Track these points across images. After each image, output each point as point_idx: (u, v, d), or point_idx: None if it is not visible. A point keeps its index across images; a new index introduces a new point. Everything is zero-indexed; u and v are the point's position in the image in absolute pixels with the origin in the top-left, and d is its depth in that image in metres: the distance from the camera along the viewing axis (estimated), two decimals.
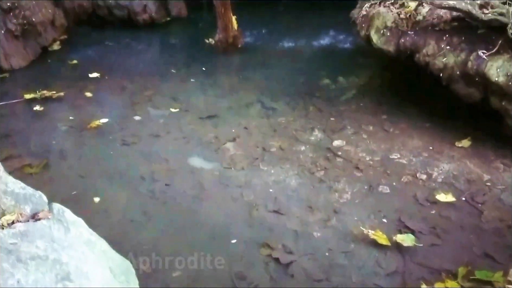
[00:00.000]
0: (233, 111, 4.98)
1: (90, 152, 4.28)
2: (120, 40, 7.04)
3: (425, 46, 4.25)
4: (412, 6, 4.56)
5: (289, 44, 6.97)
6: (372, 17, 4.80)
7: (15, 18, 5.81)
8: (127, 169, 4.02)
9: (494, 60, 3.74)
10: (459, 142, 4.20)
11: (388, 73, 5.69)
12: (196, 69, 5.98)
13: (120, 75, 5.85)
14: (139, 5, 7.31)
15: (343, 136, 4.44)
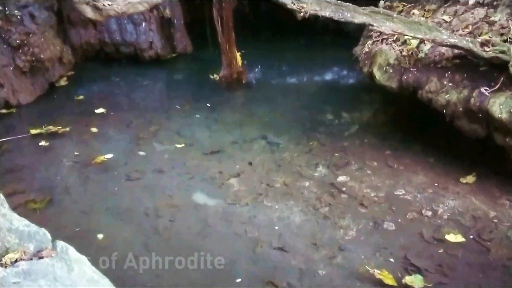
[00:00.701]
0: (238, 146, 5.00)
1: (94, 188, 4.28)
2: (126, 76, 7.14)
3: (427, 83, 4.30)
4: (414, 43, 4.62)
5: (293, 79, 7.05)
6: (374, 54, 4.87)
7: (24, 55, 5.91)
8: (131, 205, 4.02)
9: (497, 97, 3.77)
10: (464, 178, 4.19)
11: (392, 108, 5.72)
12: (201, 105, 6.04)
13: (126, 110, 5.92)
14: (145, 42, 7.44)
15: (347, 171, 4.44)
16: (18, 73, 5.97)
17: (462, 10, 4.80)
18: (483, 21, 4.48)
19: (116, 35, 7.39)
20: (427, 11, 5.19)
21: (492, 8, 4.63)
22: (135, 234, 3.61)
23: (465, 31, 4.45)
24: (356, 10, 4.35)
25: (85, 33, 7.30)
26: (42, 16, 6.22)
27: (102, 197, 4.14)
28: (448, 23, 4.74)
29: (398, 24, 4.24)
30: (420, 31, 4.18)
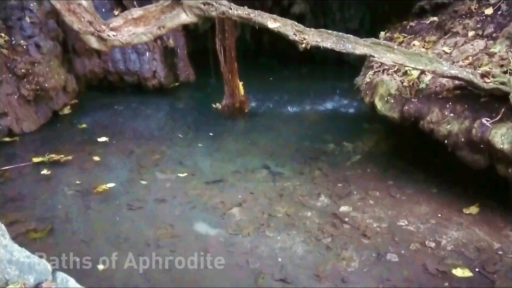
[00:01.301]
0: (239, 175, 5.00)
1: (95, 217, 4.27)
2: (129, 104, 7.19)
3: (429, 113, 4.32)
4: (415, 74, 4.67)
5: (295, 109, 7.09)
6: (376, 85, 4.91)
7: (28, 84, 5.97)
8: (132, 234, 3.99)
9: (498, 127, 3.78)
10: (467, 208, 4.17)
11: (393, 138, 5.73)
12: (203, 134, 6.07)
13: (128, 139, 5.93)
14: (149, 71, 7.51)
15: (350, 201, 4.42)
16: (22, 102, 6.02)
17: (462, 42, 4.87)
18: (483, 53, 4.53)
19: (120, 64, 7.47)
20: (427, 43, 5.26)
21: (491, 39, 4.70)
22: (136, 265, 3.57)
23: (465, 63, 4.50)
24: (357, 42, 4.40)
25: (89, 62, 7.38)
26: (48, 46, 6.31)
27: (103, 227, 4.12)
28: (448, 54, 4.80)
29: (399, 56, 4.28)
30: (421, 62, 4.22)
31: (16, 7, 6.12)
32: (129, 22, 5.12)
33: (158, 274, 3.48)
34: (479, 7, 5.15)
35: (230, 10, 4.75)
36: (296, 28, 4.58)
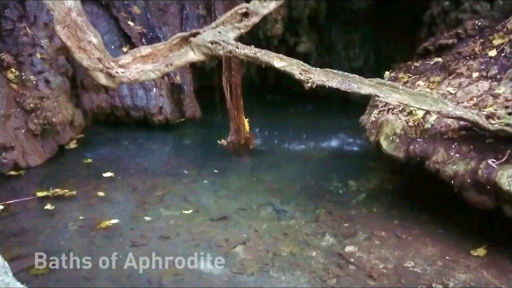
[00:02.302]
0: (244, 213, 4.98)
1: (98, 253, 4.21)
2: (135, 140, 7.24)
3: (434, 153, 4.31)
4: (420, 114, 4.70)
5: (299, 146, 7.11)
6: (381, 124, 4.93)
7: (36, 118, 6.04)
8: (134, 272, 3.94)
9: (504, 169, 3.76)
10: (475, 250, 4.11)
11: (399, 177, 5.72)
12: (208, 170, 6.07)
13: (133, 174, 5.94)
14: (155, 107, 7.59)
15: (355, 241, 4.37)
16: (29, 136, 6.07)
17: (467, 83, 4.91)
18: (487, 94, 4.56)
19: (127, 99, 7.56)
20: (432, 83, 5.31)
21: (495, 81, 4.74)
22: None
23: (470, 103, 4.53)
24: (363, 82, 4.45)
25: (97, 97, 7.49)
26: (57, 81, 6.42)
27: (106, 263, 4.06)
28: (453, 95, 4.84)
29: (404, 96, 4.31)
30: (426, 103, 4.24)
31: (27, 43, 6.25)
32: (137, 60, 5.20)
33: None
34: (483, 49, 5.22)
35: (237, 49, 4.82)
36: (302, 68, 4.64)
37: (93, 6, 7.48)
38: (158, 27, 7.86)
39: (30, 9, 6.39)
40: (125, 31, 7.57)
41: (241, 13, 5.06)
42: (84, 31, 4.93)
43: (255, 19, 5.02)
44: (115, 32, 7.61)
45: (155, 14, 7.91)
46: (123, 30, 7.59)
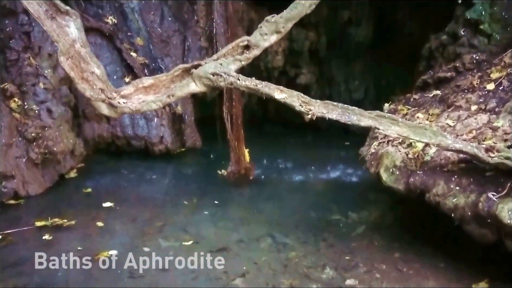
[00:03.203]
0: (244, 244, 4.94)
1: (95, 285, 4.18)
2: (135, 169, 7.24)
3: (434, 186, 4.31)
4: (420, 146, 4.72)
5: (299, 177, 7.12)
6: (381, 156, 4.95)
7: (37, 148, 6.06)
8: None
9: (505, 202, 3.75)
10: (477, 284, 4.06)
11: (400, 209, 5.70)
12: (208, 201, 6.06)
13: (133, 204, 5.92)
14: (156, 137, 7.63)
15: (356, 275, 4.33)
16: (30, 165, 6.08)
17: (465, 116, 4.95)
18: (486, 127, 4.59)
19: (128, 129, 7.60)
20: (431, 115, 5.35)
21: (494, 114, 4.77)
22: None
23: (469, 136, 4.55)
24: (362, 114, 4.48)
25: (98, 127, 7.53)
26: (59, 111, 6.48)
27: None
28: (452, 127, 4.87)
29: (404, 128, 4.34)
30: (425, 135, 4.26)
31: (31, 73, 6.34)
32: (139, 90, 5.25)
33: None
34: (481, 82, 5.28)
35: (238, 81, 4.87)
36: (302, 99, 4.68)
37: (97, 37, 7.60)
38: (160, 58, 7.97)
39: (35, 40, 6.49)
40: (128, 61, 7.67)
41: (242, 46, 5.14)
42: (87, 62, 5.00)
43: (256, 52, 5.09)
44: (118, 62, 7.71)
45: (157, 45, 8.03)
46: (126, 61, 7.69)
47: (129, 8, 7.90)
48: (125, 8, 7.89)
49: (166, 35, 8.09)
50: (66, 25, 4.96)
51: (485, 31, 5.74)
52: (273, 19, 5.02)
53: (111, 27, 7.65)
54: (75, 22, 4.96)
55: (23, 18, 6.38)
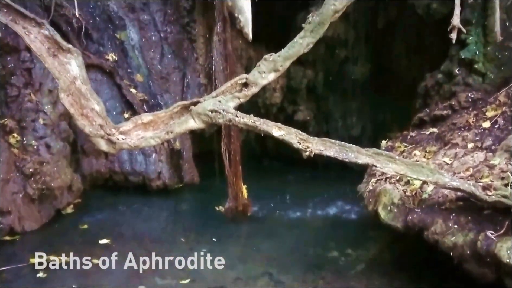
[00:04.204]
0: (241, 283, 4.89)
1: None
2: (133, 205, 7.21)
3: (433, 224, 4.31)
4: (417, 184, 4.73)
5: (297, 213, 7.08)
6: (379, 193, 4.96)
7: (35, 183, 6.05)
8: None
9: (504, 241, 3.74)
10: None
11: (398, 247, 5.65)
12: (206, 237, 6.01)
13: (130, 241, 5.86)
14: (154, 172, 7.63)
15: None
16: (26, 201, 6.06)
17: (462, 153, 4.99)
18: (483, 165, 4.63)
19: (126, 165, 7.61)
20: (428, 153, 5.39)
21: (490, 152, 4.82)
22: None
23: (466, 174, 4.58)
24: (360, 151, 4.51)
25: (96, 162, 7.54)
26: (58, 146, 6.50)
27: None
28: (449, 165, 4.90)
29: (401, 166, 4.37)
30: (423, 173, 4.29)
31: (31, 109, 6.40)
32: (138, 126, 5.30)
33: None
34: (477, 120, 5.35)
35: (236, 118, 4.92)
36: (300, 137, 4.72)
37: (97, 73, 7.70)
38: (159, 94, 8.06)
39: (36, 76, 6.58)
40: (127, 97, 7.75)
41: (241, 83, 5.22)
42: (87, 98, 5.06)
43: (255, 90, 5.17)
44: (118, 98, 7.79)
45: (157, 82, 8.13)
46: (125, 97, 7.77)
47: (129, 46, 8.05)
48: (126, 46, 8.04)
49: (165, 72, 8.20)
50: (68, 62, 5.05)
51: (479, 70, 5.84)
52: (271, 57, 5.12)
53: (111, 64, 7.76)
54: (77, 60, 5.05)
55: (25, 55, 6.48)
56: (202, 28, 7.83)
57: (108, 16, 7.94)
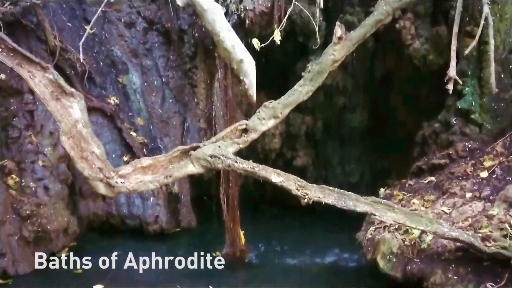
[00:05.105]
0: None
1: None
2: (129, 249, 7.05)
3: (432, 275, 4.28)
4: (416, 233, 4.72)
5: (295, 260, 6.98)
6: (377, 242, 4.93)
7: (31, 225, 6.02)
8: None
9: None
10: None
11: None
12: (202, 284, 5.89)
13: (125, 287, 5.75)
14: (151, 216, 7.58)
15: None
16: (22, 243, 6.01)
17: (460, 203, 5.00)
18: (481, 215, 4.63)
19: (124, 208, 7.58)
20: (427, 201, 5.40)
21: (489, 202, 4.84)
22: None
23: (465, 224, 4.58)
24: (358, 199, 4.52)
25: (94, 205, 7.50)
26: (56, 188, 6.50)
27: None
28: (448, 214, 4.90)
29: (400, 215, 4.37)
30: (422, 222, 4.29)
31: (31, 151, 6.44)
32: (137, 170, 5.32)
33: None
34: (474, 170, 5.39)
35: (235, 164, 4.96)
36: (299, 183, 4.75)
37: (98, 116, 7.77)
38: (159, 138, 8.12)
39: (38, 118, 6.66)
40: (127, 140, 7.80)
41: (240, 129, 5.29)
42: (88, 141, 5.11)
43: (254, 136, 5.23)
44: (118, 141, 7.84)
45: (157, 126, 8.20)
46: (125, 140, 7.82)
47: (131, 89, 8.18)
48: (128, 89, 8.16)
49: (166, 116, 8.28)
50: (70, 106, 5.13)
51: (476, 121, 5.93)
52: (271, 104, 5.21)
53: (113, 107, 7.86)
54: (79, 104, 5.13)
55: (28, 97, 6.59)
56: (203, 74, 7.97)
57: (111, 61, 8.10)
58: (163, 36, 8.18)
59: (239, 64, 4.97)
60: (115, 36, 8.08)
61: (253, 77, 5.11)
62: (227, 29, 5.04)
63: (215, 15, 4.95)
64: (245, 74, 5.04)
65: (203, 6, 4.83)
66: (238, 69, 5.04)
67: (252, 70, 5.08)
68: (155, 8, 8.05)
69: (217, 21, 5.01)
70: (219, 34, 4.96)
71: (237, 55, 4.98)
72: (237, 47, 5.02)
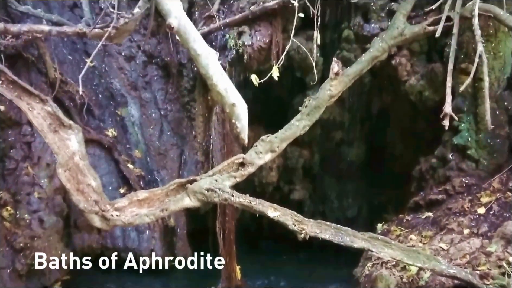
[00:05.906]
0: None
1: None
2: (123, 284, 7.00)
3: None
4: (414, 270, 4.67)
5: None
6: (375, 279, 4.88)
7: (24, 258, 5.93)
8: None
9: None
10: None
11: None
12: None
13: None
14: (147, 250, 7.50)
15: None
16: (14, 276, 5.92)
17: (458, 239, 4.97)
18: (479, 252, 4.60)
19: (119, 241, 7.49)
20: (424, 237, 5.37)
21: (487, 238, 4.81)
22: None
23: (463, 261, 4.54)
24: (355, 235, 4.49)
25: (88, 237, 7.40)
26: (51, 220, 6.44)
27: None
28: (446, 251, 4.86)
29: (397, 251, 4.33)
30: (419, 259, 4.24)
31: (27, 182, 6.41)
32: (133, 203, 5.28)
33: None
34: (472, 206, 5.38)
35: (232, 198, 4.93)
36: (296, 218, 4.72)
37: (96, 148, 7.77)
38: (156, 171, 8.11)
39: (35, 150, 6.65)
40: (124, 173, 7.78)
41: (237, 163, 5.28)
42: (84, 174, 5.09)
43: (251, 169, 5.22)
44: (114, 174, 7.81)
45: (155, 158, 8.21)
46: (122, 172, 7.80)
47: (130, 122, 8.22)
48: (126, 122, 8.21)
49: (164, 149, 8.30)
50: (68, 138, 5.13)
51: (472, 156, 5.95)
52: (268, 138, 5.23)
53: (110, 140, 7.87)
54: (77, 136, 5.13)
55: (26, 129, 6.61)
56: (201, 107, 8.02)
57: (111, 93, 8.17)
58: (162, 70, 8.29)
59: (231, 108, 5.03)
60: (115, 69, 8.18)
61: (245, 121, 5.16)
62: (220, 73, 5.13)
63: (208, 59, 5.02)
64: (237, 118, 5.09)
65: (197, 51, 4.92)
66: (231, 113, 5.10)
67: (244, 114, 5.14)
68: (155, 42, 8.18)
69: (210, 66, 5.08)
70: (212, 78, 5.04)
71: (230, 99, 5.05)
72: (229, 91, 5.10)
